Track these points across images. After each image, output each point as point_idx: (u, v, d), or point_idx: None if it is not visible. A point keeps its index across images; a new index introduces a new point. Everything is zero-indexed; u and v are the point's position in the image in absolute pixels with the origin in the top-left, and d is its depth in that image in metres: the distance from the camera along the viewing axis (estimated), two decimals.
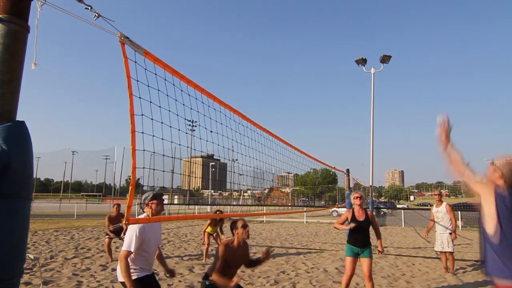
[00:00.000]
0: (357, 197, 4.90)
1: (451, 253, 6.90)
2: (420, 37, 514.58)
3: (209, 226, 8.33)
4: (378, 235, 4.95)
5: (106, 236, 8.20)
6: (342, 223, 5.01)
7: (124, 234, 8.28)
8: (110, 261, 7.82)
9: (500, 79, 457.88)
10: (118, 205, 8.76)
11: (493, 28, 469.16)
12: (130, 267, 3.10)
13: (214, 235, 8.49)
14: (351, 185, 11.44)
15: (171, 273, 3.58)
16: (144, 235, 3.09)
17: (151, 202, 3.26)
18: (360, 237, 4.78)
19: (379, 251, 5.01)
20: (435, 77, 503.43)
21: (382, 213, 23.56)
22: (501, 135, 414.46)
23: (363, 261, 4.73)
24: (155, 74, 2.56)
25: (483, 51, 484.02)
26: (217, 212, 8.88)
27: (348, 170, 11.16)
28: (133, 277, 3.10)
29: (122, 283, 3.12)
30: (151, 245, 3.23)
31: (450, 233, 6.91)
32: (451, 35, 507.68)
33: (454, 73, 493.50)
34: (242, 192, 59.30)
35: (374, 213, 5.58)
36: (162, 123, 2.64)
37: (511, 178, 2.37)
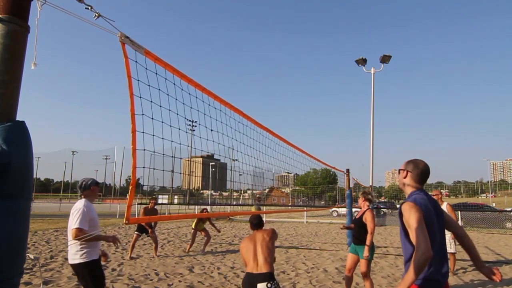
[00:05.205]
0: (359, 197, 5.23)
1: (453, 253, 6.88)
2: (420, 39, 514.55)
3: (198, 223, 9.49)
4: (367, 233, 4.88)
5: (135, 232, 8.46)
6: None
7: (151, 233, 8.54)
8: (128, 258, 7.92)
9: (500, 80, 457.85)
10: (155, 198, 9.41)
11: (495, 26, 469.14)
12: (84, 249, 3.36)
13: (202, 231, 9.52)
14: (351, 185, 11.44)
15: None
16: (90, 213, 3.40)
17: (94, 186, 3.57)
18: (354, 234, 5.13)
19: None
20: (435, 77, 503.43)
21: (382, 213, 23.52)
22: (502, 135, 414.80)
23: (360, 261, 4.93)
24: (156, 73, 2.56)
25: (484, 51, 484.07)
26: (204, 211, 10.03)
27: (348, 170, 11.16)
28: (88, 259, 3.35)
29: (75, 265, 3.36)
30: (95, 224, 3.48)
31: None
32: (451, 36, 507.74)
33: (454, 73, 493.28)
34: (242, 192, 59.29)
35: (374, 213, 5.65)
36: (162, 122, 2.64)
37: (417, 171, 2.33)
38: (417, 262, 1.97)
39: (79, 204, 3.41)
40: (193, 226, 9.55)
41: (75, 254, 3.37)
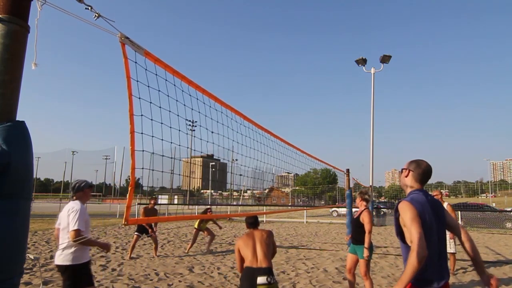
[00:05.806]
0: (357, 197, 5.26)
1: (453, 253, 6.88)
2: (419, 39, 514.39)
3: (201, 223, 9.50)
4: (365, 233, 4.92)
5: (135, 233, 8.45)
6: None
7: (152, 233, 8.44)
8: (128, 258, 7.93)
9: (500, 80, 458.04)
10: (155, 198, 9.50)
11: (495, 26, 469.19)
12: (76, 251, 3.40)
13: (204, 231, 9.58)
14: (351, 185, 11.45)
15: None
16: (85, 215, 3.43)
17: (87, 189, 3.58)
18: (352, 234, 5.18)
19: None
20: (435, 77, 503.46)
21: (382, 213, 23.50)
22: (502, 135, 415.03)
23: (359, 261, 4.97)
24: (156, 74, 2.56)
25: (484, 51, 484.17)
26: (208, 211, 10.22)
27: (348, 170, 11.17)
28: (78, 261, 3.40)
29: (65, 266, 3.39)
30: (88, 226, 3.52)
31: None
32: (451, 38, 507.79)
33: (454, 73, 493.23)
34: (242, 192, 59.29)
35: (374, 213, 5.69)
36: (162, 123, 2.64)
37: (419, 171, 2.34)
38: (412, 261, 1.97)
39: (76, 206, 3.39)
40: (195, 226, 9.52)
41: (67, 255, 3.36)
